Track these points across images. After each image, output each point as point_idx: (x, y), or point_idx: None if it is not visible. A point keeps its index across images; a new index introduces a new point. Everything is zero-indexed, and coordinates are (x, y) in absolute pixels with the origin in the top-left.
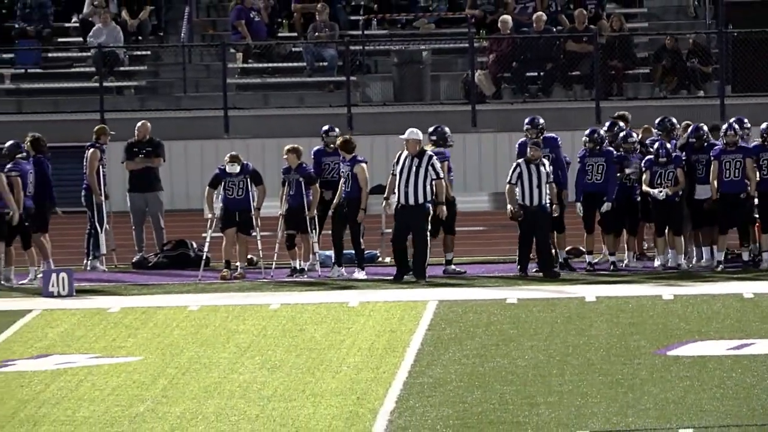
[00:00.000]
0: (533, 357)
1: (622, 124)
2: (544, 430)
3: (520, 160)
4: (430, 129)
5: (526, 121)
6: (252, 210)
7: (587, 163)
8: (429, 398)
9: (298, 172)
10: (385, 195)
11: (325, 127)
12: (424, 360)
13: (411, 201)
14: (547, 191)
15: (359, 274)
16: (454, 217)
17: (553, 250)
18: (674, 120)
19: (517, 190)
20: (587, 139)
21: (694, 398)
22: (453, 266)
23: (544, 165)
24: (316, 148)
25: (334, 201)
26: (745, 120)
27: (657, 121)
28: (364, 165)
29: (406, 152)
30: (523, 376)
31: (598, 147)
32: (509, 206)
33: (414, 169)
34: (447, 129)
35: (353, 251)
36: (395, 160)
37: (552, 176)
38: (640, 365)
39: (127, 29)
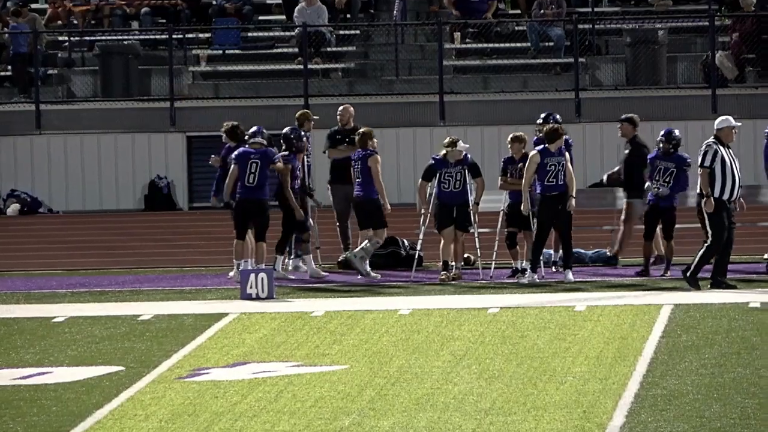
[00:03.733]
0: None
1: None
2: None
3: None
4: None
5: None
6: (470, 204)
7: None
8: (663, 412)
9: (523, 162)
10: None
11: (543, 115)
12: (658, 370)
13: None
14: None
15: (569, 276)
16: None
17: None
18: None
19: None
20: None
21: None
22: None
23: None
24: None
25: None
26: None
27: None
28: (568, 155)
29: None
30: (766, 389)
31: None
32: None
33: None
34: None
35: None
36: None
37: None
38: None
39: (335, 6)
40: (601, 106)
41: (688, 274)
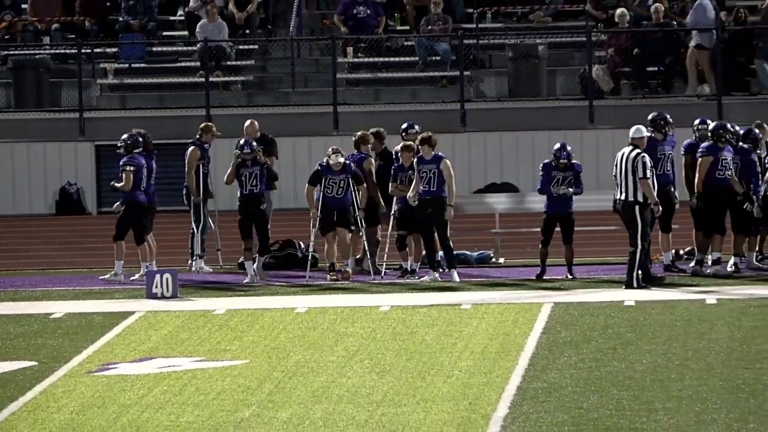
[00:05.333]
0: (651, 361)
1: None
2: None
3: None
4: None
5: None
6: (351, 208)
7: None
8: (543, 403)
9: (412, 171)
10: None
11: (404, 125)
12: (539, 364)
13: None
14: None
15: (455, 276)
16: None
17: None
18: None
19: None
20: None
21: None
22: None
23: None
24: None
25: (409, 201)
26: None
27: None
28: (448, 162)
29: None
30: (640, 381)
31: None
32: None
33: None
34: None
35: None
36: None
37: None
38: (762, 370)
39: (235, 22)
40: (485, 117)
41: (634, 284)
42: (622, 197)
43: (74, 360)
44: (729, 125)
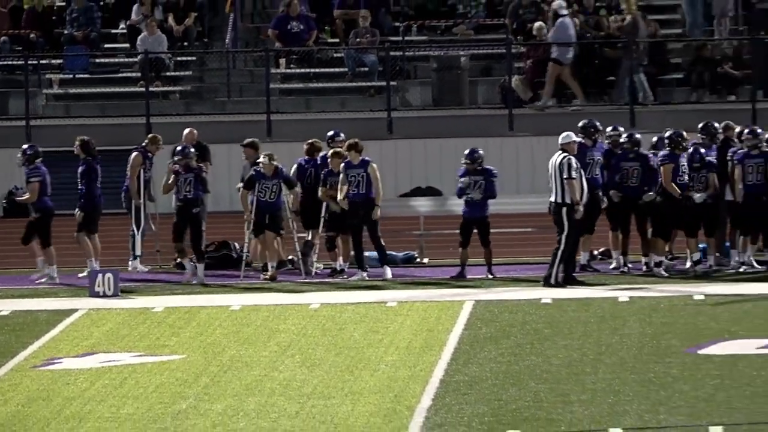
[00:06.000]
0: (567, 355)
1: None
2: (578, 427)
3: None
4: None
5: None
6: (282, 211)
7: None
8: (465, 396)
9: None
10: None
11: (330, 133)
12: (461, 358)
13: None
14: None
15: (387, 273)
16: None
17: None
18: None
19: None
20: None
21: (724, 396)
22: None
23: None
24: (322, 154)
25: (340, 204)
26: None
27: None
28: (375, 165)
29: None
30: (557, 374)
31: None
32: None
33: None
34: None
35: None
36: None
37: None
38: (671, 364)
39: (173, 35)
40: (410, 125)
41: (557, 280)
42: (552, 199)
43: (20, 355)
44: (684, 133)
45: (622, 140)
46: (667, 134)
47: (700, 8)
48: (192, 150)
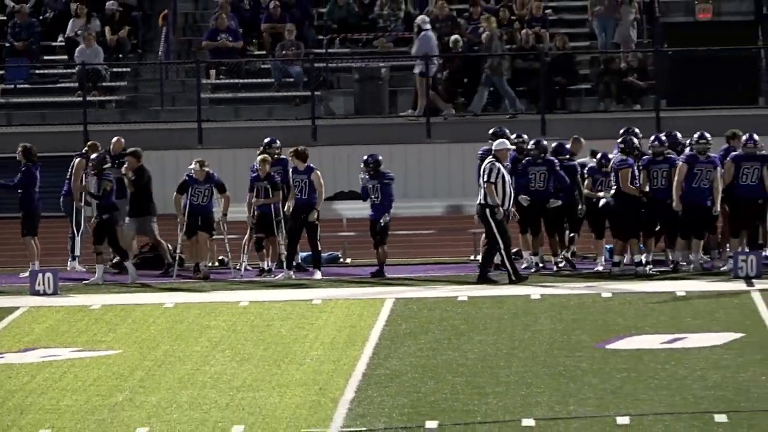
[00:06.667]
0: (482, 350)
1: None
2: (492, 418)
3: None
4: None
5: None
6: (212, 213)
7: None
8: (386, 388)
9: (266, 180)
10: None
11: (267, 140)
12: (382, 353)
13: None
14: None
15: (317, 275)
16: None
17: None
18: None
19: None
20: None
21: (630, 388)
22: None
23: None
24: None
25: (288, 207)
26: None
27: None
28: (318, 172)
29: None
30: (472, 368)
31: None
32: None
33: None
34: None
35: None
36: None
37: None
38: (581, 358)
39: (107, 45)
40: (333, 132)
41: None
42: (478, 201)
43: None
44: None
45: (529, 147)
46: (619, 140)
47: (610, 33)
48: (106, 157)
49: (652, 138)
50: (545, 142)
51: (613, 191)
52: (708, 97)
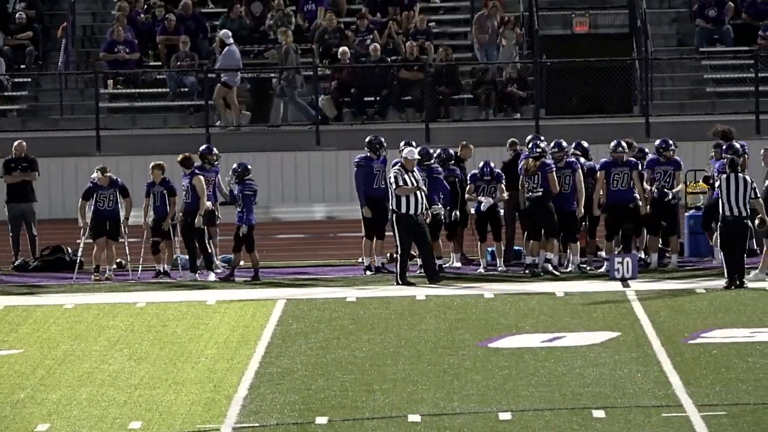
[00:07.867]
0: (370, 349)
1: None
2: (380, 414)
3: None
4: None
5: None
6: (120, 219)
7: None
8: (278, 386)
9: (162, 186)
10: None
11: (203, 147)
12: (274, 352)
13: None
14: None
15: (211, 276)
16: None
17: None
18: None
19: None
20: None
21: (512, 385)
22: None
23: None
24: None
25: (177, 212)
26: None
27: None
28: (201, 177)
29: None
30: (361, 366)
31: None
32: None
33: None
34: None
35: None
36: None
37: None
38: (464, 356)
39: (2, 53)
40: (227, 140)
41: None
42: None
43: None
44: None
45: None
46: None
47: (493, 58)
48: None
49: (614, 144)
50: (432, 150)
51: (538, 193)
52: (585, 106)
